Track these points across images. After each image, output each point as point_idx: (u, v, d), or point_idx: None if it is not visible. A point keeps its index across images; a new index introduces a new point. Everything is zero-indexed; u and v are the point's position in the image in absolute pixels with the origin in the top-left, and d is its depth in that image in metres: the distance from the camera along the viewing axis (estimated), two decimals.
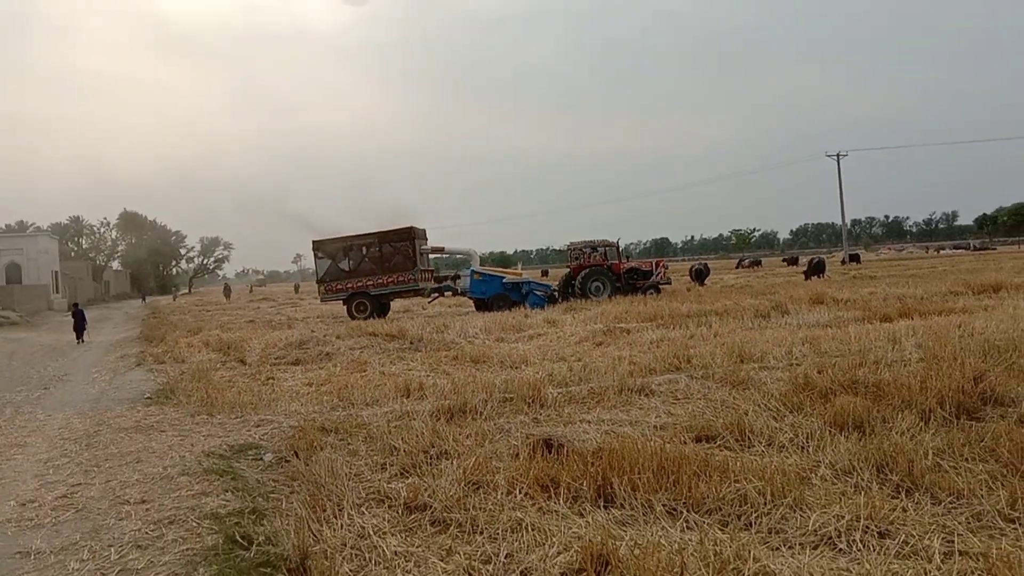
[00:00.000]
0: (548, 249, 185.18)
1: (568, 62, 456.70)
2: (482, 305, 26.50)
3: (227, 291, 67.61)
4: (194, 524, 4.80)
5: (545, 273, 56.65)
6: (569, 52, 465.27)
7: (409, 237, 27.82)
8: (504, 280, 27.82)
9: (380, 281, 27.60)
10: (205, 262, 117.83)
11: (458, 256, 32.56)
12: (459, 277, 29.45)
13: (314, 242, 28.57)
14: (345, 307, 27.97)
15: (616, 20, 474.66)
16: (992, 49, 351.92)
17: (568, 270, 30.03)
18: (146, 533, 4.69)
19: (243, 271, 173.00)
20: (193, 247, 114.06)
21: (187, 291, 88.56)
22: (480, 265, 30.50)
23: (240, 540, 4.52)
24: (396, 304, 29.44)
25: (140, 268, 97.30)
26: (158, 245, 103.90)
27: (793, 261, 71.45)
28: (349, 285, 27.79)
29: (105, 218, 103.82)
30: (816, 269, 38.93)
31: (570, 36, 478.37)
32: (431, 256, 30.27)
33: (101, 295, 73.66)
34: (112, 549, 4.47)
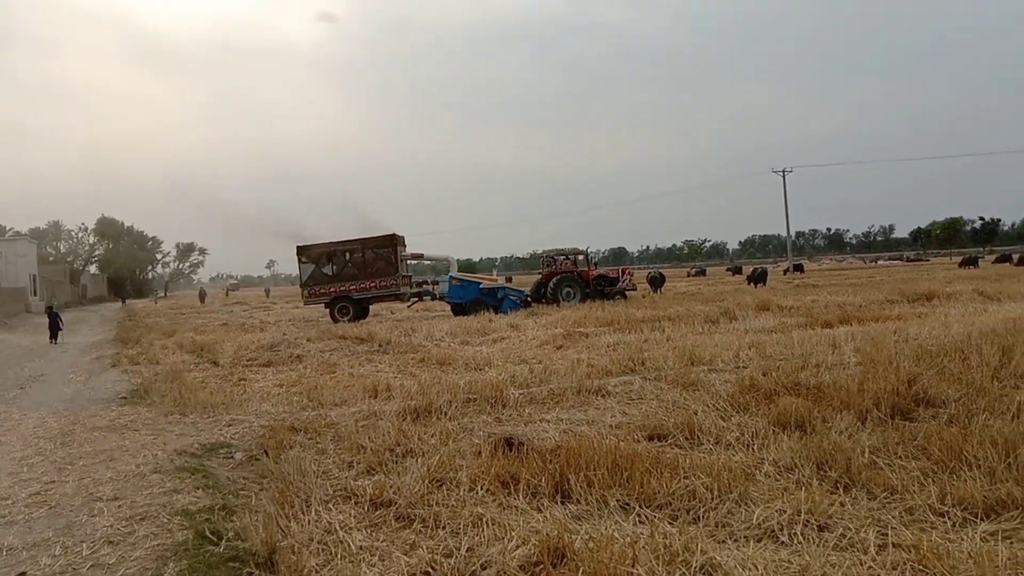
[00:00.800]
0: (512, 257, 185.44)
1: (534, 81, 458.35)
2: (460, 309, 26.43)
3: (202, 295, 66.88)
4: (165, 520, 4.72)
5: (509, 280, 56.84)
6: (534, 72, 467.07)
7: (391, 244, 27.78)
8: (481, 285, 27.88)
9: (363, 286, 27.50)
10: (181, 267, 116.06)
11: (426, 263, 32.41)
12: (437, 283, 29.44)
13: (298, 247, 28.35)
14: (328, 310, 27.75)
15: (578, 43, 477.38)
16: (926, 73, 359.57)
17: (540, 276, 30.20)
18: (118, 529, 4.60)
19: (217, 276, 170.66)
20: (169, 252, 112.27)
21: (163, 295, 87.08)
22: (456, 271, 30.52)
23: (210, 536, 4.45)
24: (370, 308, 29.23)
25: (117, 272, 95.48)
26: (134, 250, 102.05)
27: (737, 271, 72.35)
28: (332, 289, 27.62)
29: (83, 223, 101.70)
30: (758, 278, 39.73)
31: (535, 57, 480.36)
32: (410, 262, 30.20)
33: (78, 298, 72.16)
34: (84, 545, 4.38)
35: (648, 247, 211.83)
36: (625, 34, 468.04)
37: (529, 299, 27.72)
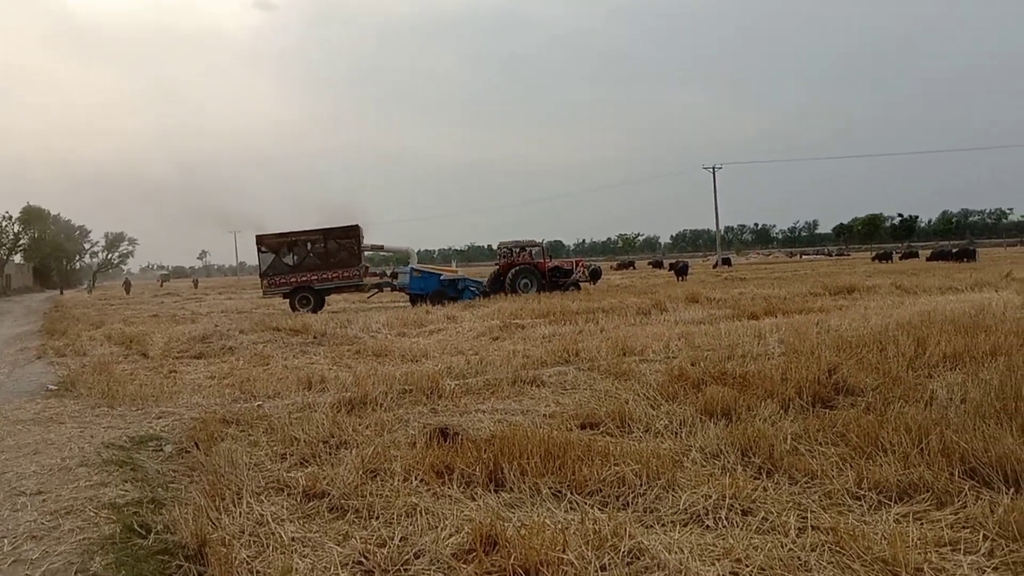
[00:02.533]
0: (449, 249, 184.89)
1: (472, 74, 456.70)
2: (420, 300, 26.35)
3: (127, 285, 64.84)
4: (91, 514, 4.57)
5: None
6: (473, 65, 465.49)
7: (355, 234, 27.54)
8: (441, 277, 27.91)
9: (325, 276, 27.14)
10: (110, 257, 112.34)
11: (382, 253, 32.08)
12: (396, 275, 29.38)
13: (257, 236, 27.80)
14: (288, 301, 27.30)
15: (515, 38, 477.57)
16: (849, 75, 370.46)
17: (497, 267, 30.55)
18: (42, 524, 4.44)
19: (148, 266, 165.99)
20: (97, 242, 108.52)
21: (92, 285, 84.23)
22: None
23: (138, 529, 4.33)
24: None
25: (43, 262, 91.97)
26: (61, 240, 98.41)
27: (658, 264, 74.02)
28: (293, 279, 27.16)
29: (7, 212, 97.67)
30: (680, 271, 41.70)
31: (472, 50, 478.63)
32: (368, 253, 29.92)
33: (2, 289, 69.35)
34: (5, 540, 4.21)
35: (584, 240, 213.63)
36: (562, 30, 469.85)
37: (487, 290, 27.90)
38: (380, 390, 8.05)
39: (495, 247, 32.53)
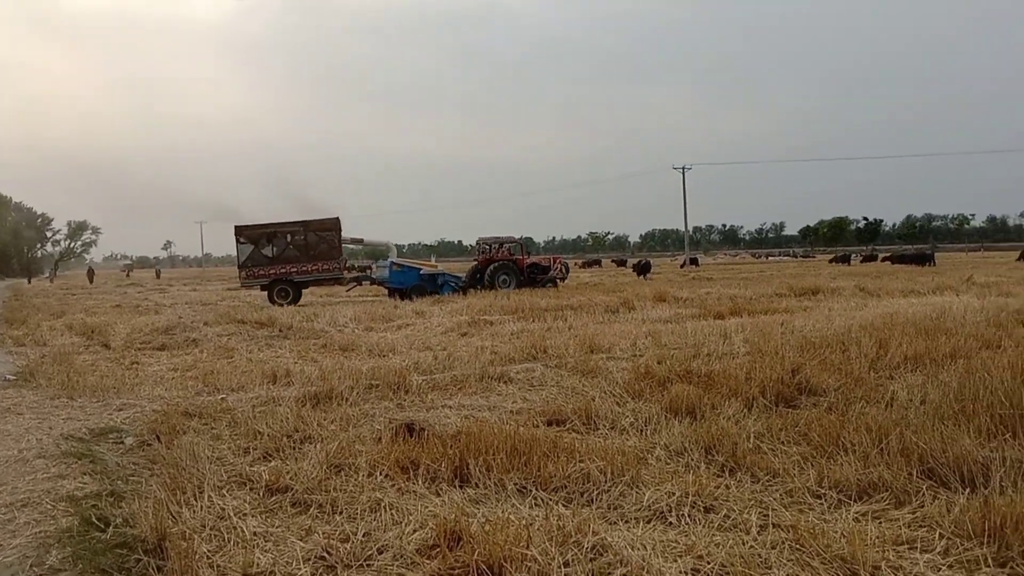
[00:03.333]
0: (419, 244, 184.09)
1: (450, 72, 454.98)
2: (400, 294, 26.33)
3: (91, 275, 63.79)
4: (49, 507, 4.49)
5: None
6: (452, 63, 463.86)
7: (335, 227, 27.28)
8: (421, 271, 27.88)
9: (304, 269, 26.87)
10: (72, 246, 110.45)
11: (352, 247, 31.88)
12: (373, 268, 29.34)
13: (236, 227, 27.33)
14: (266, 293, 26.96)
15: (496, 37, 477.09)
16: (816, 83, 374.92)
17: (475, 263, 30.63)
18: None
19: (112, 256, 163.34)
20: (59, 230, 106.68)
21: (54, 273, 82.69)
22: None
23: (96, 522, 4.26)
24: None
25: (3, 250, 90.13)
26: (21, 227, 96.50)
27: (622, 263, 74.87)
28: (272, 271, 26.83)
29: None
30: (642, 270, 42.41)
31: (452, 47, 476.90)
32: (348, 246, 29.74)
33: None
34: None
35: (554, 238, 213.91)
36: (542, 29, 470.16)
37: (465, 285, 27.93)
38: (346, 385, 8.00)
39: (465, 243, 32.84)
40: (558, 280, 30.48)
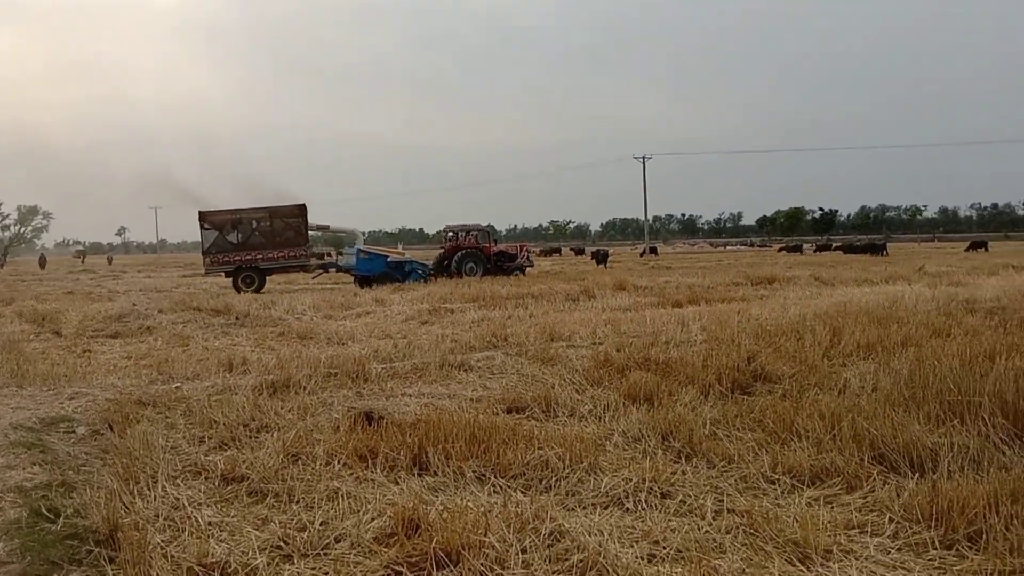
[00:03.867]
0: (380, 232, 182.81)
1: (410, 58, 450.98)
2: (366, 281, 26.15)
3: (43, 261, 62.39)
4: None
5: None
6: (412, 48, 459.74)
7: (301, 214, 26.91)
8: (388, 259, 27.70)
9: (270, 255, 26.44)
10: (22, 231, 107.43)
11: (318, 233, 31.53)
12: (341, 255, 29.18)
13: (200, 212, 26.69)
14: (231, 280, 26.49)
15: (449, 22, 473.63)
16: (775, 77, 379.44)
17: (443, 250, 30.64)
18: None
19: (63, 242, 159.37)
20: (8, 215, 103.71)
21: (3, 260, 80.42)
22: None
23: (46, 513, 4.17)
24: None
25: None
26: None
27: (580, 251, 75.73)
28: (237, 258, 26.29)
29: None
30: (601, 258, 43.85)
31: (415, 33, 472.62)
32: (314, 233, 29.40)
33: None
34: None
35: (516, 226, 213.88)
36: (508, 19, 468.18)
37: (433, 272, 27.90)
38: (304, 373, 7.92)
39: (426, 231, 32.86)
40: (525, 268, 30.67)
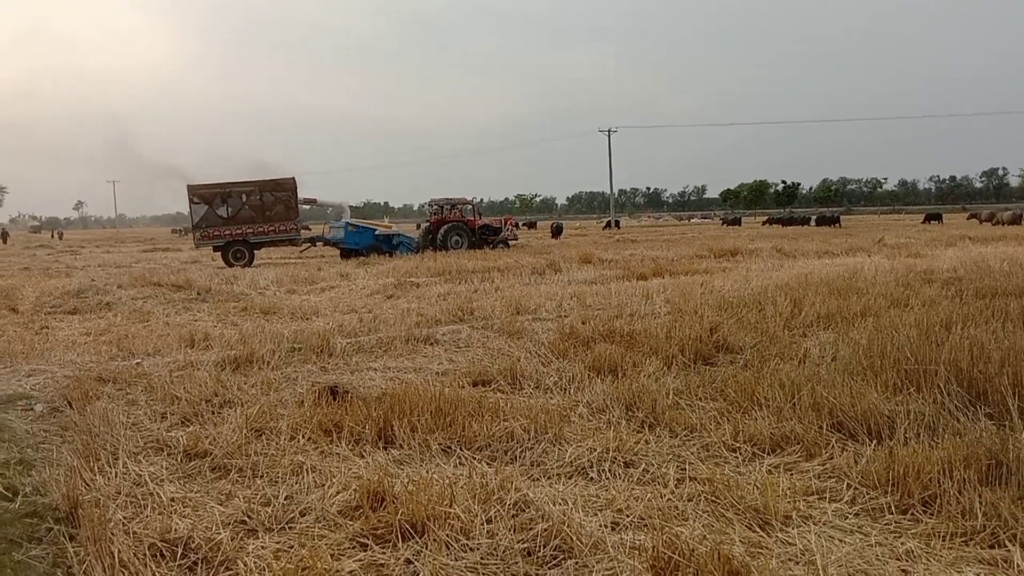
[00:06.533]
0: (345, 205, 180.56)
1: (371, 27, 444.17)
2: (353, 254, 26.23)
3: (4, 235, 61.12)
4: None
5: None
6: (372, 18, 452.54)
7: (292, 188, 26.89)
8: (376, 232, 27.89)
9: (260, 230, 26.35)
10: None
11: (305, 206, 31.22)
12: (328, 228, 29.32)
13: (189, 187, 26.48)
14: (221, 254, 26.32)
15: None
16: (739, 44, 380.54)
17: (428, 223, 30.70)
18: None
19: (19, 216, 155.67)
20: None
21: None
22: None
23: (4, 492, 4.11)
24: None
25: None
26: None
27: (532, 225, 76.50)
28: (227, 232, 26.18)
29: None
30: (556, 232, 46.17)
31: (378, 3, 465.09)
32: (302, 207, 29.12)
33: None
34: None
35: (482, 200, 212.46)
36: None
37: (419, 245, 28.08)
38: (267, 348, 7.85)
39: (392, 204, 32.79)
40: (509, 241, 30.91)
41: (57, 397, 6.35)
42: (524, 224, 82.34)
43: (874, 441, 4.65)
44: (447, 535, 3.48)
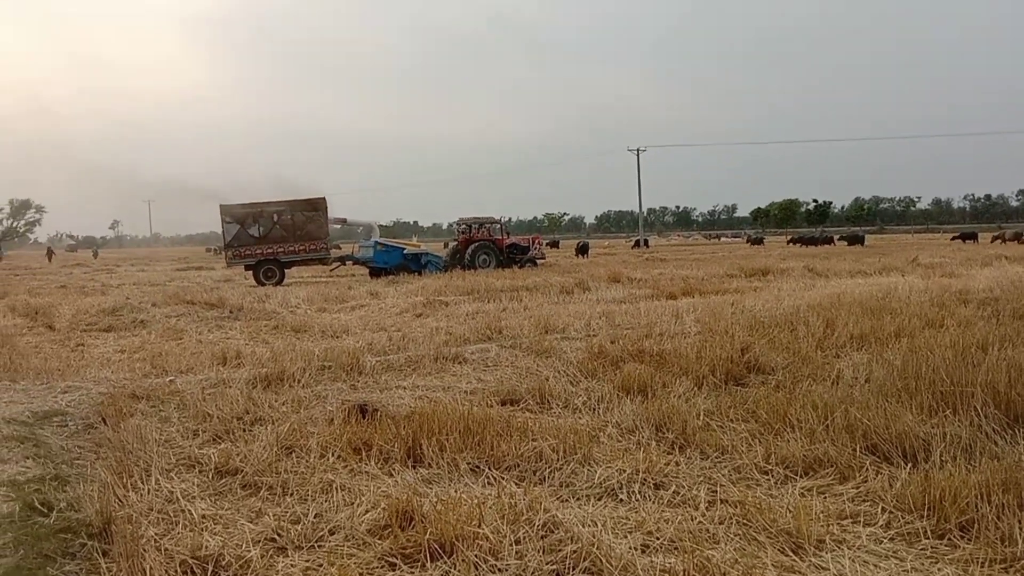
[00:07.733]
0: (375, 223, 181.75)
1: (406, 47, 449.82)
2: (382, 273, 26.43)
3: (50, 254, 63.01)
4: None
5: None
6: (407, 37, 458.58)
7: (322, 207, 27.27)
8: (405, 251, 28.10)
9: (291, 249, 26.76)
10: (15, 225, 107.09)
11: (336, 226, 31.60)
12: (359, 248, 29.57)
13: (222, 207, 26.98)
14: (252, 273, 26.73)
15: (452, 16, 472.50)
16: (766, 66, 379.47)
17: (456, 242, 31.10)
18: None
19: (56, 235, 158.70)
20: (2, 209, 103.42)
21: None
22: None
23: (40, 507, 4.17)
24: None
25: None
26: None
27: (555, 244, 76.20)
28: (258, 251, 26.64)
29: None
30: (581, 250, 46.20)
31: (408, 23, 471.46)
32: (333, 226, 29.67)
33: None
34: None
35: (511, 218, 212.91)
36: (502, 10, 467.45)
37: (447, 264, 28.34)
38: (298, 366, 7.90)
39: (421, 223, 33.06)
40: (537, 260, 30.93)
41: (92, 413, 6.44)
42: (547, 243, 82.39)
43: (909, 464, 4.57)
44: (475, 555, 3.47)
